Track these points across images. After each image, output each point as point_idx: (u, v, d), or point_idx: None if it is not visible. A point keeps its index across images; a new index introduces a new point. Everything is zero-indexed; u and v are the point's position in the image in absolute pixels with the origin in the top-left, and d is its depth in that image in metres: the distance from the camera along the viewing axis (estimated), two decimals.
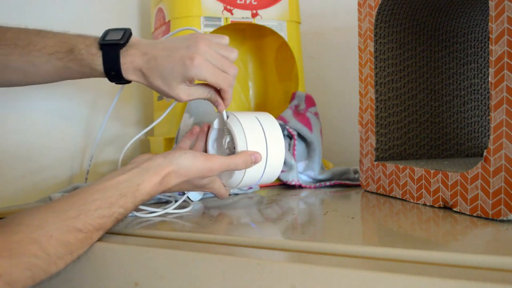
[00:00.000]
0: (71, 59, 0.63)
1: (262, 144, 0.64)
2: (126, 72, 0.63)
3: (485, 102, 0.78)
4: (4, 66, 0.63)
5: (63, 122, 0.92)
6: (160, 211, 0.63)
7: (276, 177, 0.67)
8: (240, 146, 0.62)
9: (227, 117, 0.65)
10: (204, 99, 0.64)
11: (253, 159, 0.62)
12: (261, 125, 0.65)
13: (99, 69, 0.63)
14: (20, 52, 0.62)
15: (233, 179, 0.63)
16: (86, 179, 0.87)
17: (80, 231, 0.48)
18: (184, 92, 0.63)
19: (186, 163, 0.57)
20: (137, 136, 0.73)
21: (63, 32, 0.64)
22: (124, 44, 0.62)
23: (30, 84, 0.67)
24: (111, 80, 0.64)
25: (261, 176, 0.65)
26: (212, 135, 0.68)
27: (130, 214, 0.62)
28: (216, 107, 0.65)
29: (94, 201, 0.50)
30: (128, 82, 0.65)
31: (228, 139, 0.66)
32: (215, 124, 0.68)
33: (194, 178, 0.59)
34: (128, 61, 0.62)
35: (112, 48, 0.62)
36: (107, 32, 0.63)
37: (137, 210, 0.63)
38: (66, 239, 0.47)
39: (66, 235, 0.47)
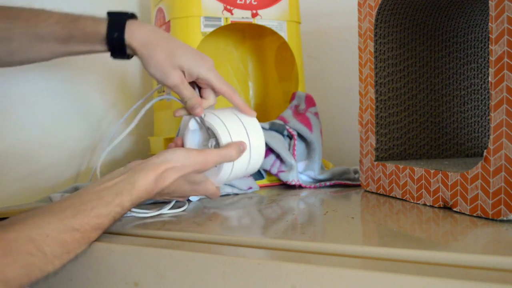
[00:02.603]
0: (75, 27, 0.63)
1: (244, 133, 0.65)
2: (130, 36, 0.63)
3: (485, 102, 0.78)
4: (8, 40, 0.63)
5: (66, 120, 0.92)
6: (159, 211, 0.63)
7: (260, 165, 0.68)
8: (224, 139, 0.63)
9: (204, 115, 0.65)
10: (184, 100, 0.65)
11: (241, 148, 0.63)
12: (236, 115, 0.66)
13: (102, 32, 0.63)
14: (24, 24, 0.63)
15: (221, 174, 0.63)
16: (91, 179, 0.87)
17: (77, 231, 0.48)
18: (178, 76, 0.64)
19: (181, 157, 0.58)
20: (115, 142, 0.70)
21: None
22: (131, 17, 0.65)
23: (33, 61, 0.67)
24: (111, 48, 0.64)
25: (247, 166, 0.65)
26: (189, 139, 0.68)
27: (129, 214, 0.62)
28: (194, 110, 0.65)
29: (90, 201, 0.50)
30: (126, 57, 0.65)
31: (208, 137, 0.67)
32: (191, 125, 0.67)
33: (190, 173, 0.59)
34: (135, 25, 0.64)
35: (120, 15, 0.64)
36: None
37: (136, 210, 0.63)
38: (62, 238, 0.46)
39: (62, 235, 0.47)
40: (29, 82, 0.85)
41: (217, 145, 0.64)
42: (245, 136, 0.65)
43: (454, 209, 0.56)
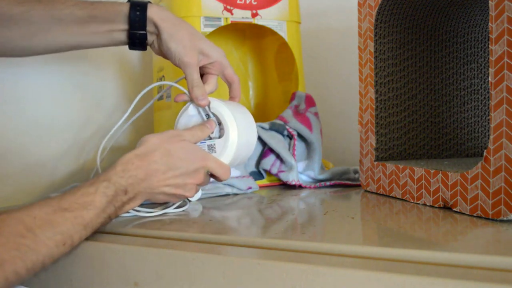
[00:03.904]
0: (95, 8, 0.64)
1: (248, 120, 0.69)
2: (153, 14, 0.65)
3: (485, 102, 0.78)
4: (27, 23, 0.63)
5: (66, 118, 0.92)
6: (159, 211, 0.63)
7: (253, 146, 0.72)
8: (231, 127, 0.65)
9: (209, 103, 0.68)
10: (191, 85, 0.66)
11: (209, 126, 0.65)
12: (232, 104, 0.70)
13: (124, 10, 0.64)
14: (43, 7, 0.63)
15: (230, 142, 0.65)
16: (93, 176, 0.86)
17: (66, 210, 0.48)
18: (196, 56, 0.66)
19: (168, 131, 0.61)
20: (115, 127, 0.72)
21: None
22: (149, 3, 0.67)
23: (51, 48, 0.67)
24: (132, 24, 0.65)
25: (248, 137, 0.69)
26: (183, 123, 0.68)
27: (132, 214, 0.62)
28: (199, 100, 0.66)
29: (79, 186, 0.51)
30: (145, 40, 0.66)
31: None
32: (191, 111, 0.68)
33: (175, 137, 0.60)
34: (156, 7, 0.66)
35: (140, 0, 0.66)
36: None
37: (139, 209, 0.63)
38: (51, 218, 0.46)
39: (51, 215, 0.46)
40: (30, 77, 0.85)
41: (222, 131, 0.66)
42: (251, 122, 0.70)
43: (454, 209, 0.56)
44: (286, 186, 0.82)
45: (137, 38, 0.66)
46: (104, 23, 0.65)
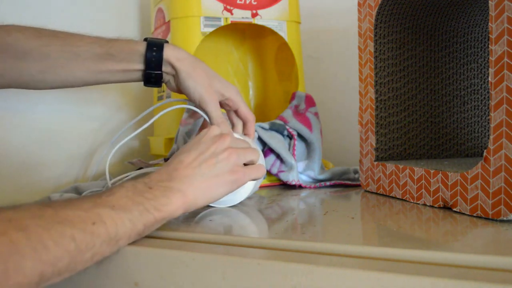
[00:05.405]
0: (112, 46, 0.65)
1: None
2: (169, 54, 0.66)
3: (485, 102, 0.78)
4: (44, 56, 0.63)
5: (68, 120, 0.92)
6: None
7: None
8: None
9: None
10: (217, 120, 0.67)
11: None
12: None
13: (140, 50, 0.65)
14: (61, 43, 0.64)
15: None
16: (92, 179, 0.86)
17: (85, 196, 0.47)
18: (216, 96, 0.67)
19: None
20: (123, 141, 0.71)
21: None
22: (166, 42, 0.67)
23: (63, 82, 0.67)
24: (148, 64, 0.65)
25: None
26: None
27: None
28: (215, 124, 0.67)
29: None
30: (160, 79, 0.67)
31: None
32: None
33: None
34: (172, 47, 0.67)
35: (157, 39, 0.67)
36: None
37: None
38: (74, 201, 0.45)
39: (71, 200, 0.45)
40: None
41: None
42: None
43: (454, 209, 0.56)
44: (286, 186, 0.82)
45: (152, 78, 0.67)
46: (120, 61, 0.66)
